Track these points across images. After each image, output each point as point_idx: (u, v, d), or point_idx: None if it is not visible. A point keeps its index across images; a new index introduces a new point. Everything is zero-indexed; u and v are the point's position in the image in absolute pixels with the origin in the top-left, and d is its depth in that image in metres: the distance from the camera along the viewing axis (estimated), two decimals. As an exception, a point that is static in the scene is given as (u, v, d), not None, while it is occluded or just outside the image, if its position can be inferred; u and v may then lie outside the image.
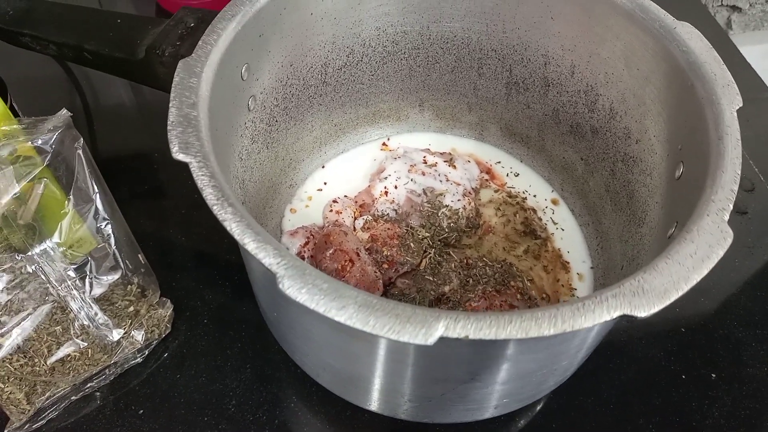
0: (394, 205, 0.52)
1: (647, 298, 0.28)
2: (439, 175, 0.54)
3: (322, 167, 0.57)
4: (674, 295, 0.28)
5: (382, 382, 0.38)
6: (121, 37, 0.48)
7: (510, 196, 0.56)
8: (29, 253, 0.42)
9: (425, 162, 0.56)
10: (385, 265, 0.48)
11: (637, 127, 0.46)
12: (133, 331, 0.46)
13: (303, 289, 0.27)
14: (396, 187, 0.53)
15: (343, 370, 0.40)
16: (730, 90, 0.37)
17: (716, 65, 0.39)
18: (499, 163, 0.59)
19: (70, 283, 0.43)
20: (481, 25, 0.52)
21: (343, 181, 0.56)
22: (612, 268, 0.49)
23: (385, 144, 0.60)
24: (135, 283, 0.47)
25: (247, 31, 0.40)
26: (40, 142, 0.43)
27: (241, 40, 0.40)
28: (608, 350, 0.49)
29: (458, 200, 0.53)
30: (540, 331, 0.27)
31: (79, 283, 0.44)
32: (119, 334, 0.45)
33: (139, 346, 0.46)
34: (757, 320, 0.52)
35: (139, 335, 0.46)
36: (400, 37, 0.53)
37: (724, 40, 0.78)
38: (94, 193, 0.45)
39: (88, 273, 0.44)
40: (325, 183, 0.56)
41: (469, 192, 0.54)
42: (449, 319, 0.26)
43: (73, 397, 0.45)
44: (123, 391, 0.46)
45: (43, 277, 0.42)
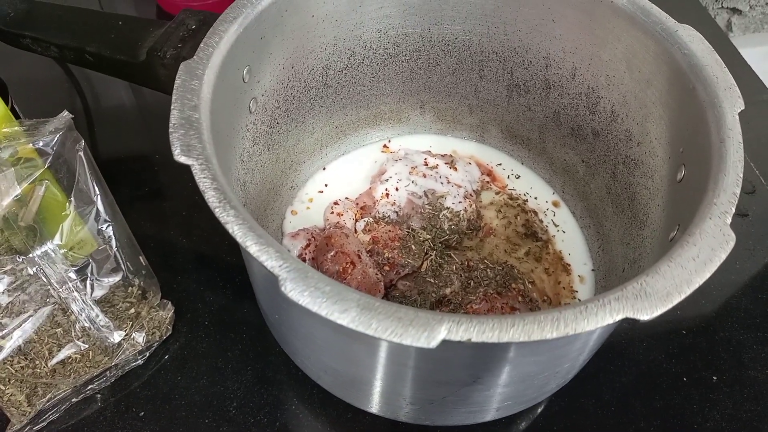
0: (395, 207, 0.52)
1: (650, 301, 0.28)
2: (440, 177, 0.54)
3: (323, 169, 0.57)
4: (677, 299, 0.28)
5: (384, 385, 0.38)
6: (122, 39, 0.48)
7: (511, 198, 0.56)
8: (30, 255, 0.42)
9: (426, 164, 0.56)
10: (387, 267, 0.48)
11: (638, 129, 0.46)
12: (134, 333, 0.46)
13: (305, 291, 0.27)
14: (397, 189, 0.53)
15: (345, 373, 0.40)
16: (731, 93, 0.37)
17: (718, 68, 0.39)
18: (500, 165, 0.59)
19: (71, 285, 0.43)
20: (482, 28, 0.52)
21: (344, 183, 0.56)
22: (613, 270, 0.49)
23: (386, 146, 0.60)
24: (136, 285, 0.47)
25: (249, 34, 0.40)
26: (41, 144, 0.43)
27: (243, 43, 0.40)
28: (609, 353, 0.49)
29: (459, 202, 0.53)
30: (543, 334, 0.27)
31: (80, 285, 0.44)
32: (120, 336, 0.45)
33: (140, 348, 0.46)
34: (759, 323, 0.52)
35: (140, 337, 0.46)
36: (402, 40, 0.53)
37: (724, 43, 0.79)
38: (96, 195, 0.45)
39: (89, 275, 0.44)
40: (326, 185, 0.56)
41: (470, 194, 0.54)
42: (452, 322, 0.26)
43: (74, 399, 0.45)
44: (124, 393, 0.46)
45: (44, 279, 0.42)
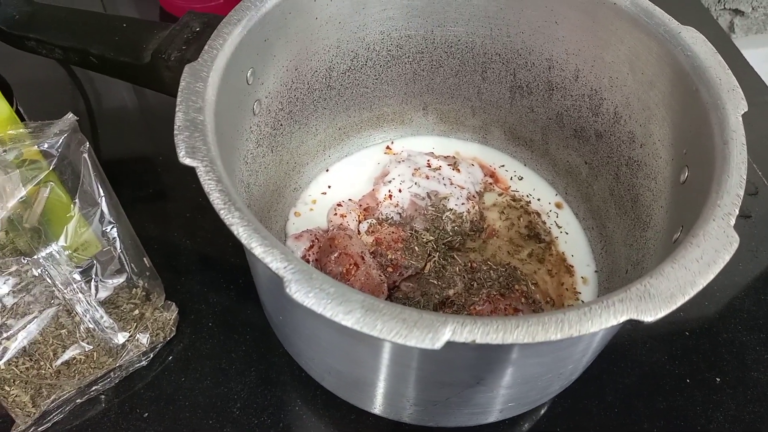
0: (398, 209, 0.52)
1: (654, 302, 0.28)
2: (443, 179, 0.54)
3: (327, 171, 0.57)
4: (680, 300, 0.28)
5: (387, 386, 0.38)
6: (126, 41, 0.48)
7: (514, 199, 0.56)
8: (35, 257, 0.42)
9: (429, 165, 0.56)
10: (390, 269, 0.48)
11: (641, 131, 0.46)
12: (138, 334, 0.46)
13: (310, 293, 0.27)
14: (400, 191, 0.53)
15: (348, 374, 0.40)
16: (735, 94, 0.37)
17: (721, 70, 0.39)
18: (503, 166, 0.59)
19: (75, 287, 0.43)
20: (485, 30, 0.52)
21: (348, 184, 0.56)
22: (616, 271, 0.49)
23: (389, 147, 0.60)
24: (140, 286, 0.47)
25: (253, 36, 0.41)
26: (46, 145, 0.43)
27: (247, 45, 0.40)
28: (612, 354, 0.49)
29: (462, 204, 0.53)
30: (547, 336, 0.27)
31: (85, 286, 0.44)
32: (124, 337, 0.45)
33: (144, 349, 0.46)
34: (762, 324, 0.52)
35: (144, 338, 0.46)
36: (405, 41, 0.53)
37: (726, 44, 0.79)
38: (100, 197, 0.45)
39: (93, 276, 0.45)
40: (330, 186, 0.56)
41: (473, 195, 0.54)
42: (456, 324, 0.27)
43: (79, 400, 0.45)
44: (128, 394, 0.46)
45: (48, 280, 0.42)
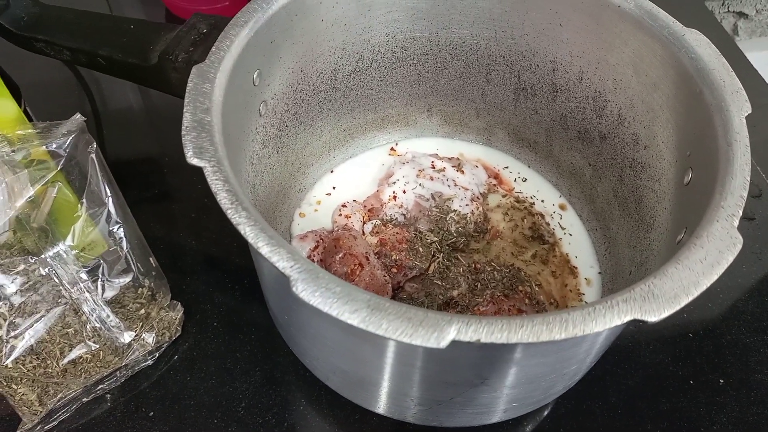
0: (402, 210, 0.53)
1: (657, 303, 0.28)
2: (447, 180, 0.55)
3: (331, 172, 0.58)
4: (684, 300, 0.29)
5: (392, 385, 0.38)
6: (134, 42, 0.48)
7: (518, 201, 0.56)
8: (42, 256, 0.43)
9: (433, 167, 0.56)
10: (394, 269, 0.48)
11: (645, 133, 0.46)
12: (144, 333, 0.46)
13: (316, 292, 0.28)
14: (404, 192, 0.54)
15: (353, 373, 0.40)
16: (738, 97, 0.38)
17: (725, 72, 0.39)
18: (507, 168, 0.59)
19: (82, 286, 0.44)
20: (490, 32, 0.52)
21: (352, 185, 0.57)
22: (620, 273, 0.49)
23: (393, 149, 0.60)
24: (146, 286, 0.47)
25: (259, 38, 0.41)
26: (54, 146, 0.43)
27: (254, 47, 0.40)
28: (616, 355, 0.49)
29: (466, 205, 0.53)
30: (551, 336, 0.27)
31: (91, 285, 0.44)
32: (130, 336, 0.45)
33: (150, 348, 0.46)
34: (765, 326, 0.52)
35: (150, 338, 0.46)
36: (409, 43, 0.53)
37: (730, 47, 0.79)
38: (107, 197, 0.45)
39: (100, 276, 0.45)
40: (334, 187, 0.56)
41: (477, 197, 0.55)
42: (461, 323, 0.27)
43: (85, 399, 0.45)
44: (133, 393, 0.46)
45: (56, 279, 0.43)
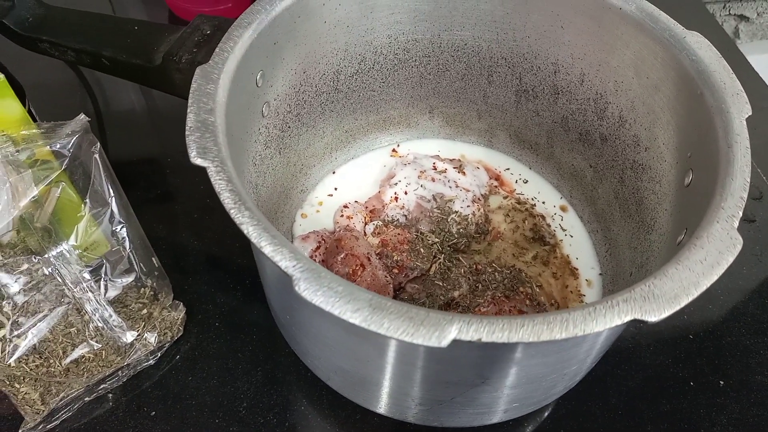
0: (404, 211, 0.53)
1: (657, 303, 0.28)
2: (449, 182, 0.55)
3: (333, 173, 0.58)
4: (684, 301, 0.29)
5: (393, 385, 0.38)
6: (138, 43, 0.48)
7: (519, 202, 0.56)
8: (46, 256, 0.43)
9: (435, 168, 0.56)
10: (395, 270, 0.48)
11: (646, 135, 0.46)
12: (146, 333, 0.46)
13: (318, 291, 0.28)
14: (406, 193, 0.54)
15: (354, 373, 0.40)
16: (739, 99, 0.38)
17: (725, 74, 0.39)
18: (508, 169, 0.59)
19: (85, 285, 0.44)
20: (492, 34, 0.52)
21: (354, 186, 0.57)
22: (621, 274, 0.49)
23: (395, 150, 0.60)
24: (148, 286, 0.48)
25: (263, 39, 0.41)
26: (58, 146, 0.43)
27: (257, 48, 0.41)
28: (616, 357, 0.49)
29: (467, 206, 0.53)
30: (552, 335, 0.27)
31: (94, 285, 0.44)
32: (132, 336, 0.45)
33: (152, 348, 0.47)
34: (765, 328, 0.52)
35: (152, 337, 0.46)
36: (412, 45, 0.54)
37: (731, 49, 0.79)
38: (110, 197, 0.45)
39: (102, 275, 0.45)
40: (336, 188, 0.57)
41: (479, 198, 0.55)
42: (462, 322, 0.27)
43: (87, 398, 0.45)
44: (135, 393, 0.46)
45: (59, 279, 0.43)
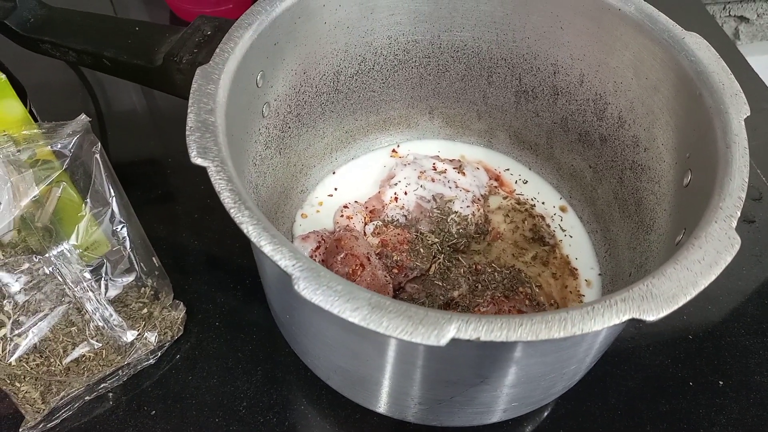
0: (404, 211, 0.53)
1: (656, 302, 0.28)
2: (449, 182, 0.55)
3: (333, 173, 0.58)
4: (682, 300, 0.29)
5: (392, 384, 0.39)
6: (139, 44, 0.49)
7: (519, 203, 0.56)
8: (46, 255, 0.43)
9: (435, 169, 0.56)
10: (395, 270, 0.48)
11: (645, 135, 0.46)
12: (146, 332, 0.46)
13: (318, 290, 0.28)
14: (406, 194, 0.54)
15: (354, 372, 0.41)
16: (737, 99, 0.38)
17: (724, 75, 0.39)
18: (508, 170, 0.59)
19: (86, 285, 0.44)
20: (491, 35, 0.52)
21: (354, 187, 0.57)
22: (620, 274, 0.49)
23: (394, 151, 0.60)
24: (149, 285, 0.48)
25: (263, 40, 0.41)
26: (59, 146, 0.44)
27: (257, 48, 0.41)
28: (616, 357, 0.49)
29: (467, 207, 0.53)
30: (550, 334, 0.27)
31: (95, 284, 0.44)
32: (133, 335, 0.45)
33: (152, 347, 0.47)
34: (765, 328, 0.52)
35: (152, 337, 0.46)
36: (412, 46, 0.54)
37: (731, 50, 0.79)
38: (111, 197, 0.45)
39: (103, 275, 0.45)
40: (336, 189, 0.57)
41: (478, 198, 0.55)
42: (461, 321, 0.27)
43: (87, 397, 0.45)
44: (135, 392, 0.46)
45: (59, 278, 0.43)
